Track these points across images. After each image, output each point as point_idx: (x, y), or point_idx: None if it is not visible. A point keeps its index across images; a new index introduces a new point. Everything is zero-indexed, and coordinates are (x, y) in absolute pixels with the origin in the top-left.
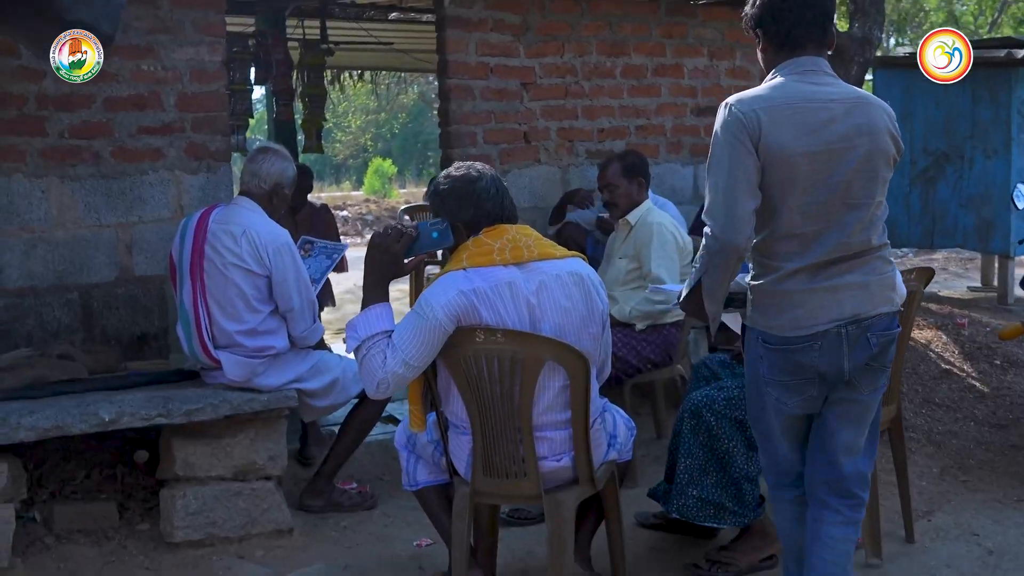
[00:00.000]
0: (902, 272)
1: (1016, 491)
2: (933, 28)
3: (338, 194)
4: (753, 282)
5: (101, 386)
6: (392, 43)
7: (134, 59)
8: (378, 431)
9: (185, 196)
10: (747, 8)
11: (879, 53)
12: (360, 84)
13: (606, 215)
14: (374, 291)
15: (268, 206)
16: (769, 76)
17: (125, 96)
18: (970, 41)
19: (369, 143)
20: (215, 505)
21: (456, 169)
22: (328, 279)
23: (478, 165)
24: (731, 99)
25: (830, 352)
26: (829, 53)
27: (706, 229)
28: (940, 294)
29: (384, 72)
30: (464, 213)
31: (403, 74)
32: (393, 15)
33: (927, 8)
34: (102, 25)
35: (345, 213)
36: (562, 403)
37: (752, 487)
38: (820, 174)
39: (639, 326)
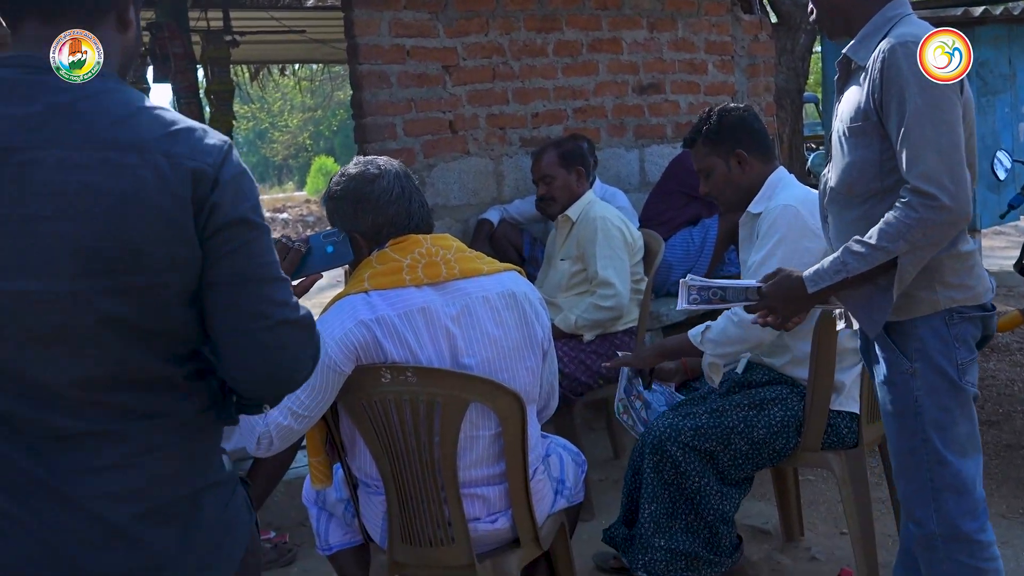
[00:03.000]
0: None
1: (1020, 502)
2: None
3: (280, 195)
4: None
5: None
6: (304, 31)
7: None
8: (302, 462)
9: None
10: None
11: None
12: (283, 79)
13: None
14: None
15: None
16: (891, 12)
17: None
18: None
19: (308, 142)
20: None
21: (353, 166)
22: None
23: (380, 160)
24: (904, 37)
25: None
26: None
27: (913, 200)
28: None
29: (315, 67)
30: (362, 222)
31: (338, 69)
32: (310, 2)
33: None
34: None
35: (285, 215)
36: (494, 453)
37: (728, 528)
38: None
39: (587, 336)
